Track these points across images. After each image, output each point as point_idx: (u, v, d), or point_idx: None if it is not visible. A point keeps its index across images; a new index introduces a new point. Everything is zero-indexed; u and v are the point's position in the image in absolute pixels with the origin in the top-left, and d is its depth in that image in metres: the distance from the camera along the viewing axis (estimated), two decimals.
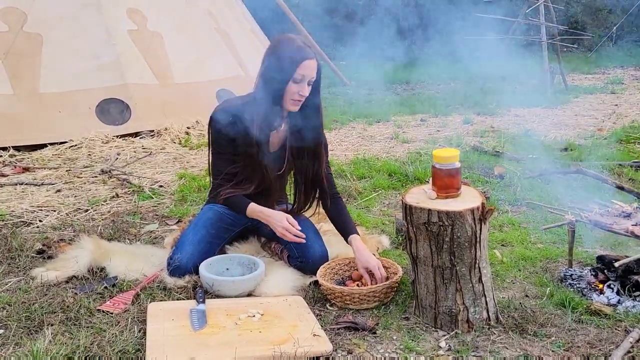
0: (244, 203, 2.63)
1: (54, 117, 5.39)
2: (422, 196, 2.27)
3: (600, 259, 2.56)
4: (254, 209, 2.61)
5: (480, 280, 2.17)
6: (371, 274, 2.49)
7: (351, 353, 2.06)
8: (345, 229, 2.68)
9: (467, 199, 2.21)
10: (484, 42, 7.66)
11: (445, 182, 2.22)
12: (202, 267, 2.49)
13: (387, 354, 2.05)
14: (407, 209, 2.19)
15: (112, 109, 5.63)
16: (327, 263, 2.61)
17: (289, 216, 2.57)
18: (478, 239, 2.13)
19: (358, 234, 2.64)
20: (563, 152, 5.10)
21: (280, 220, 2.54)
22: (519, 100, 7.44)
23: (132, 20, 5.99)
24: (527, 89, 8.52)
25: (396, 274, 2.48)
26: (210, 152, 2.69)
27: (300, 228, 2.54)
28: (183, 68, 6.03)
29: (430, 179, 2.30)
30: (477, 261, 2.15)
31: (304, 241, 2.54)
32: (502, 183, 4.06)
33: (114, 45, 5.74)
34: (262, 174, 2.65)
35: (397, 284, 2.44)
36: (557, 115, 6.75)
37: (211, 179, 2.74)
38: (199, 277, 2.51)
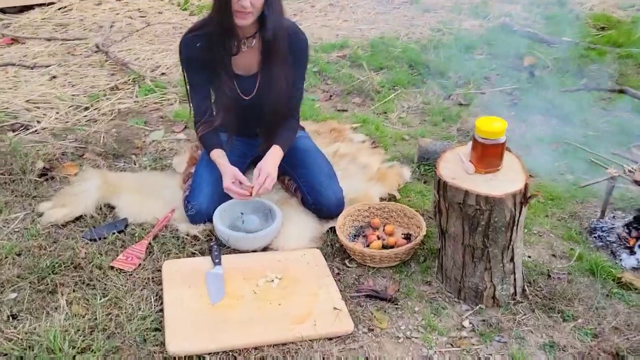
0: (212, 145, 2.46)
1: None
2: (457, 166, 2.06)
3: (638, 218, 2.42)
4: (216, 156, 2.44)
5: (512, 259, 2.06)
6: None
7: (372, 330, 2.03)
8: (276, 139, 2.47)
9: (508, 177, 2.00)
10: None
11: (487, 157, 1.99)
12: (217, 218, 2.36)
13: (408, 332, 2.02)
14: (441, 185, 2.00)
15: None
16: (346, 210, 2.48)
17: (238, 174, 2.35)
18: (516, 222, 1.97)
19: (282, 149, 2.45)
20: (600, 31, 4.67)
21: (225, 179, 2.35)
22: None
23: None
24: None
25: (419, 227, 2.37)
26: (187, 85, 2.48)
27: (248, 184, 2.34)
28: None
29: (470, 146, 2.06)
30: (512, 242, 2.02)
31: (250, 198, 2.35)
32: (533, 82, 3.76)
33: None
34: (226, 100, 2.44)
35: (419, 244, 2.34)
36: None
37: (192, 115, 2.54)
38: (213, 225, 2.39)
